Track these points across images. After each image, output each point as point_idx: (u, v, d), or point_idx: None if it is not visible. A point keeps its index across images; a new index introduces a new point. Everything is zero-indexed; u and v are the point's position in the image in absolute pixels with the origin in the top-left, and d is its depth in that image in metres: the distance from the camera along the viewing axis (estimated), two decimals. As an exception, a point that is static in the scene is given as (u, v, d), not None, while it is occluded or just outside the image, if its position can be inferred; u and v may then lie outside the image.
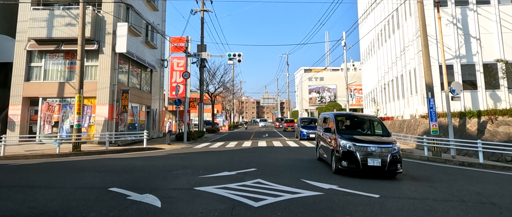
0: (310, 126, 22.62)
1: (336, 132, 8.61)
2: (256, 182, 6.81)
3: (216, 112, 50.69)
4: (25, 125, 17.43)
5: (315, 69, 60.80)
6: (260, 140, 21.66)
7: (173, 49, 26.93)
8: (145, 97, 22.80)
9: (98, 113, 17.09)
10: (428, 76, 13.80)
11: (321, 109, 48.90)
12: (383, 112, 26.55)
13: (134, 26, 19.39)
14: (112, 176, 7.62)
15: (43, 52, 17.85)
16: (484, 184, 7.59)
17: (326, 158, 9.59)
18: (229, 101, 57.76)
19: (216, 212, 4.67)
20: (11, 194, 5.86)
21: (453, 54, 17.99)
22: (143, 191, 5.96)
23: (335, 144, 8.34)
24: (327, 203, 5.26)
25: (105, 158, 12.22)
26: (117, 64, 18.12)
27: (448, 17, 18.28)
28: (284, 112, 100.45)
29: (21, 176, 8.15)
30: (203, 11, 26.91)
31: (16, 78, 17.41)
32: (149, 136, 21.44)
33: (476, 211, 5.07)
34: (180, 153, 13.76)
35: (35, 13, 17.29)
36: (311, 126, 22.53)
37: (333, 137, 8.60)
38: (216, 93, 38.10)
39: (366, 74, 34.88)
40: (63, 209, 4.82)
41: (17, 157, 12.40)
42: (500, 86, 17.33)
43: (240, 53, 23.37)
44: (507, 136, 13.02)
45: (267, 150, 15.03)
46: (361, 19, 33.00)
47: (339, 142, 8.12)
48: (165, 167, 9.18)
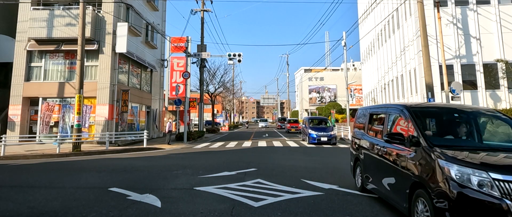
0: (321, 128, 19.29)
1: (426, 144, 3.98)
2: (256, 182, 6.81)
3: (216, 112, 50.69)
4: (25, 125, 17.43)
5: (315, 69, 60.81)
6: (260, 140, 21.65)
7: (173, 49, 26.93)
8: (145, 97, 22.80)
9: (98, 113, 17.09)
10: (428, 76, 13.81)
11: (321, 109, 48.94)
12: (383, 112, 26.51)
13: (134, 26, 19.39)
14: (112, 176, 7.62)
15: (43, 52, 17.85)
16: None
17: (388, 195, 4.81)
18: (229, 101, 57.77)
19: (216, 212, 4.67)
20: (11, 194, 5.86)
21: (453, 54, 18.00)
22: (143, 191, 5.96)
23: (428, 171, 3.75)
24: (327, 203, 5.26)
25: (105, 158, 12.22)
26: (117, 64, 18.11)
27: (448, 17, 18.28)
28: (284, 112, 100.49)
29: (21, 176, 8.15)
30: (203, 11, 26.91)
31: (16, 78, 17.41)
32: (149, 136, 21.44)
33: None
34: (180, 153, 13.76)
35: (35, 13, 17.29)
36: (322, 128, 19.27)
37: (419, 157, 3.98)
38: (216, 93, 38.09)
39: (366, 74, 34.89)
40: (63, 209, 4.82)
41: (17, 157, 12.40)
42: (500, 86, 17.34)
43: (240, 53, 23.37)
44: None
45: (267, 150, 15.03)
46: (361, 19, 33.01)
47: (445, 170, 3.47)
48: (165, 167, 9.18)
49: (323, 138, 17.62)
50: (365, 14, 31.53)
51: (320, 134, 17.81)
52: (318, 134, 17.82)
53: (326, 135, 17.74)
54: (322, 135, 17.68)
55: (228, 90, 47.95)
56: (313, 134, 17.82)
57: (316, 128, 18.81)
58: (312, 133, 17.93)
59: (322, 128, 18.98)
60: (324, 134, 17.74)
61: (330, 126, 19.49)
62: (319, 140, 17.63)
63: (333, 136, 18.13)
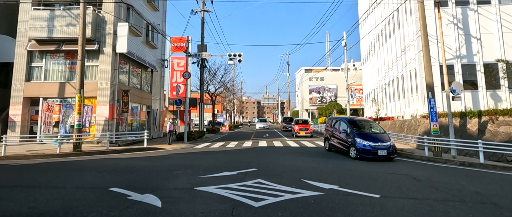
0: (371, 135, 12.24)
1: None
2: (257, 182, 6.80)
3: (216, 112, 50.70)
4: (26, 125, 17.45)
5: (315, 69, 60.85)
6: (261, 140, 21.65)
7: (174, 49, 26.95)
8: (145, 97, 22.81)
9: (99, 113, 17.11)
10: (428, 76, 13.79)
11: (322, 109, 48.97)
12: (384, 112, 26.54)
13: (134, 26, 19.40)
14: (112, 176, 7.62)
15: (43, 52, 17.87)
16: (485, 184, 7.57)
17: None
18: (230, 101, 57.81)
19: (216, 212, 4.67)
20: (12, 194, 5.86)
21: (454, 54, 17.98)
22: (143, 191, 5.96)
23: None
24: (328, 203, 5.25)
25: (105, 158, 12.23)
26: (117, 64, 18.13)
27: (448, 17, 18.27)
28: (284, 112, 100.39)
29: (22, 176, 8.16)
30: (204, 11, 26.93)
31: (16, 78, 17.43)
32: (150, 136, 21.46)
33: (477, 212, 5.06)
34: (180, 153, 13.76)
35: (36, 13, 17.31)
36: (373, 135, 12.29)
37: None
38: (217, 93, 38.13)
39: (367, 74, 34.87)
40: (64, 209, 4.82)
41: (17, 157, 12.41)
42: (501, 86, 17.32)
43: (240, 53, 23.37)
44: (508, 136, 13.01)
45: (267, 150, 15.03)
46: (362, 19, 33.00)
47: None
48: (166, 167, 9.18)
49: (382, 152, 11.42)
50: (365, 14, 31.51)
51: (376, 145, 11.56)
52: (374, 145, 11.55)
53: (385, 146, 11.59)
54: (379, 147, 11.51)
55: (229, 90, 48.00)
56: (363, 144, 11.70)
57: (364, 135, 12.20)
58: (360, 141, 11.81)
59: (373, 135, 12.27)
60: (382, 145, 11.59)
61: (384, 132, 12.96)
62: (376, 154, 11.40)
63: (393, 148, 11.81)
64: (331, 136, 14.27)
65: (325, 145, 14.91)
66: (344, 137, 12.88)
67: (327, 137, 14.80)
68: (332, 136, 14.21)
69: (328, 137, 14.70)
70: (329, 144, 14.52)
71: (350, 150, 12.17)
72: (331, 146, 14.28)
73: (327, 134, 14.85)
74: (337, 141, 13.63)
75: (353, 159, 11.63)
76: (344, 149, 12.80)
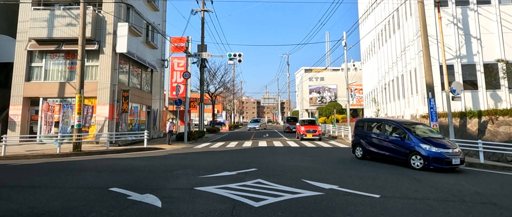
0: (437, 141, 9.92)
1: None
2: (257, 182, 6.80)
3: (216, 112, 50.69)
4: (26, 125, 17.45)
5: (315, 69, 60.84)
6: (261, 140, 21.65)
7: (174, 49, 26.95)
8: (145, 97, 22.81)
9: (99, 113, 17.11)
10: (428, 76, 13.80)
11: (322, 109, 48.95)
12: (384, 112, 26.54)
13: (134, 26, 19.41)
14: (112, 176, 7.62)
15: (43, 52, 17.87)
16: (485, 184, 7.58)
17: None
18: (230, 101, 57.82)
19: (216, 212, 4.67)
20: (12, 194, 5.86)
21: (454, 54, 17.98)
22: (143, 191, 5.96)
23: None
24: (328, 203, 5.25)
25: (105, 158, 12.23)
26: (117, 64, 18.13)
27: (448, 17, 18.27)
28: (284, 112, 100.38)
29: (22, 176, 8.16)
30: (204, 11, 26.93)
31: (16, 78, 17.43)
32: (150, 136, 21.46)
33: (477, 211, 5.06)
34: (180, 153, 13.76)
35: (36, 13, 17.31)
36: (438, 141, 9.90)
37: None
38: (217, 93, 38.13)
39: (367, 74, 34.87)
40: (64, 209, 4.82)
41: (17, 157, 12.41)
42: (501, 86, 17.33)
43: (240, 53, 23.37)
44: (508, 136, 13.02)
45: (267, 150, 15.03)
46: (362, 19, 33.00)
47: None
48: (166, 167, 9.18)
49: (455, 160, 9.35)
50: (365, 14, 31.52)
51: (448, 151, 9.46)
52: (446, 153, 9.40)
53: (457, 153, 9.56)
54: (453, 154, 9.45)
55: (229, 90, 48.01)
56: (434, 152, 9.40)
57: (431, 140, 9.82)
58: (430, 148, 9.48)
59: (439, 141, 9.92)
60: (454, 152, 9.53)
61: (444, 137, 11.12)
62: (450, 164, 9.30)
63: (463, 155, 9.95)
64: (368, 141, 11.62)
65: (355, 152, 12.19)
66: (397, 143, 10.41)
67: (359, 143, 12.01)
68: (368, 141, 11.61)
69: (360, 143, 11.96)
70: (364, 150, 11.73)
71: (409, 158, 9.82)
72: (367, 153, 11.60)
73: (359, 139, 12.02)
74: (379, 147, 11.11)
75: (417, 170, 9.30)
76: (396, 157, 10.39)
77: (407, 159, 9.95)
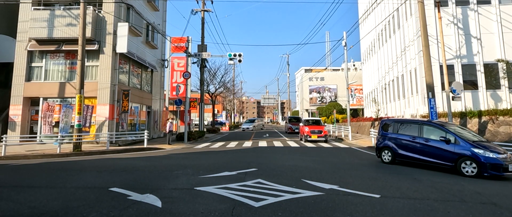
0: (487, 145, 9.31)
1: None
2: (257, 182, 6.80)
3: (216, 112, 50.68)
4: (26, 125, 17.46)
5: (315, 69, 60.85)
6: (261, 140, 21.65)
7: (174, 49, 26.95)
8: (145, 97, 22.81)
9: (99, 113, 17.11)
10: (428, 76, 13.80)
11: (322, 109, 48.96)
12: (384, 112, 26.54)
13: (134, 26, 19.41)
14: (112, 176, 7.62)
15: (43, 52, 17.88)
16: (485, 184, 7.57)
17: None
18: (230, 101, 57.83)
19: (216, 212, 4.67)
20: (12, 194, 5.86)
21: (454, 54, 17.98)
22: (143, 191, 5.96)
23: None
24: (328, 203, 5.25)
25: (105, 158, 12.23)
26: (117, 64, 18.13)
27: (448, 17, 18.27)
28: (284, 112, 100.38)
29: (22, 176, 8.16)
30: (204, 11, 26.94)
31: (17, 78, 17.43)
32: (150, 136, 21.46)
33: (477, 212, 5.06)
34: (180, 153, 13.76)
35: (36, 13, 17.31)
36: (488, 145, 9.28)
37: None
38: (217, 93, 38.12)
39: (367, 74, 34.87)
40: (64, 209, 4.82)
41: (18, 157, 12.42)
42: (501, 86, 17.33)
43: (240, 53, 23.37)
44: (508, 136, 13.02)
45: (267, 150, 15.02)
46: (362, 19, 33.00)
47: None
48: (166, 167, 9.18)
49: None
50: (365, 14, 31.52)
51: (502, 157, 8.68)
52: (503, 159, 8.63)
53: (508, 159, 8.74)
54: (508, 160, 8.70)
55: (229, 90, 48.00)
56: (490, 157, 8.62)
57: (482, 145, 9.10)
58: (485, 153, 8.69)
59: (488, 145, 9.32)
60: (507, 157, 8.79)
61: (487, 140, 10.83)
62: (507, 170, 8.56)
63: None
64: (398, 144, 10.70)
65: (382, 156, 11.19)
66: (440, 147, 9.46)
67: (387, 146, 11.05)
68: (399, 144, 10.68)
69: (388, 146, 11.01)
70: (393, 154, 10.79)
71: (459, 164, 8.96)
72: (398, 156, 10.64)
73: (387, 142, 11.09)
74: (415, 151, 10.14)
75: (469, 177, 8.53)
76: (439, 163, 9.44)
77: (456, 165, 9.02)
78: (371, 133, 18.32)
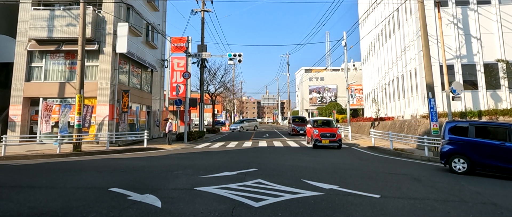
0: None
1: None
2: (257, 182, 6.80)
3: (216, 112, 50.67)
4: (26, 125, 17.45)
5: (315, 69, 60.85)
6: (261, 140, 21.65)
7: (174, 49, 26.95)
8: (145, 97, 22.81)
9: (99, 113, 17.11)
10: (428, 76, 13.79)
11: (322, 109, 48.94)
12: (384, 112, 26.54)
13: (134, 26, 19.40)
14: (112, 176, 7.62)
15: (43, 52, 17.87)
16: (485, 184, 7.57)
17: None
18: (230, 101, 57.83)
19: (216, 212, 4.66)
20: (12, 194, 5.86)
21: (454, 54, 17.97)
22: (143, 191, 5.96)
23: None
24: (328, 203, 5.25)
25: (105, 158, 12.22)
26: (117, 64, 18.13)
27: (448, 17, 18.26)
28: (284, 112, 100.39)
29: (22, 176, 8.15)
30: (204, 11, 26.93)
31: (16, 78, 17.43)
32: (150, 136, 21.45)
33: (477, 212, 5.06)
34: (180, 153, 13.76)
35: (36, 13, 17.31)
36: None
37: None
38: (217, 93, 38.13)
39: (367, 74, 34.87)
40: (64, 209, 4.82)
41: (17, 157, 12.41)
42: (501, 86, 17.32)
43: (240, 53, 23.36)
44: None
45: (267, 150, 15.02)
46: (362, 19, 33.00)
47: None
48: (166, 167, 9.18)
49: None
50: (365, 14, 31.52)
51: None
52: None
53: None
54: None
55: (229, 90, 47.98)
56: None
57: None
58: None
59: None
60: None
61: None
62: None
63: None
64: (480, 152, 9.00)
65: (452, 164, 9.37)
66: None
67: (461, 153, 9.29)
68: (481, 152, 8.98)
69: (463, 153, 9.26)
70: (470, 163, 9.11)
71: None
72: (479, 166, 9.05)
73: (461, 149, 9.33)
74: (506, 161, 8.57)
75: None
76: None
77: None
78: (371, 133, 18.32)
